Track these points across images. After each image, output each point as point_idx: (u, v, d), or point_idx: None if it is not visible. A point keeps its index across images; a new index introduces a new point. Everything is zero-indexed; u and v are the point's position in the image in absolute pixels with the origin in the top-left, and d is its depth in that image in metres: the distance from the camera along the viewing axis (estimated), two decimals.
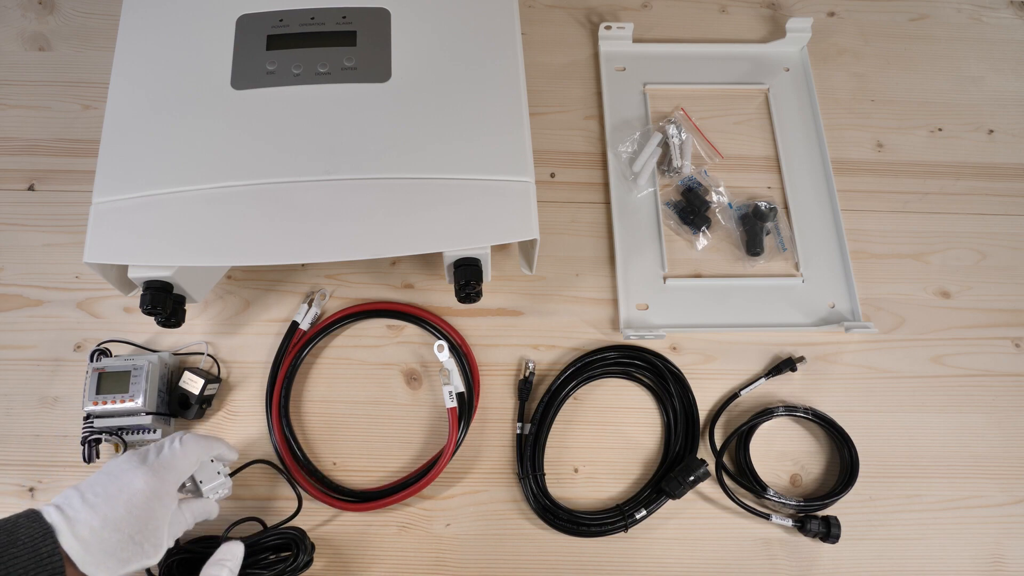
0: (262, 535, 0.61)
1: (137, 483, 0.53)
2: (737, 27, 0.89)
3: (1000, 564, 0.66)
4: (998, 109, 0.86)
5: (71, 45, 0.85)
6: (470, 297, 0.67)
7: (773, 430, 0.70)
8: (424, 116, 0.65)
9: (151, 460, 0.55)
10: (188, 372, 0.68)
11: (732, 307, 0.74)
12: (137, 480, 0.53)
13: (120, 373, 0.65)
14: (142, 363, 0.66)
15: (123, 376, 0.65)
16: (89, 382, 0.65)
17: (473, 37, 0.69)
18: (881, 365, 0.73)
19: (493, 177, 0.63)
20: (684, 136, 0.80)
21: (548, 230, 0.77)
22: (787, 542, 0.66)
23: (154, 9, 0.69)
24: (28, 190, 0.78)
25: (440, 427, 0.70)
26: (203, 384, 0.67)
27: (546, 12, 0.90)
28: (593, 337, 0.73)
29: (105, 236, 0.60)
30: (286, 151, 0.63)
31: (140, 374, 0.65)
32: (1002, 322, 0.75)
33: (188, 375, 0.67)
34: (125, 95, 0.66)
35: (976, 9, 0.92)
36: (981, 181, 0.82)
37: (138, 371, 0.65)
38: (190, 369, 0.68)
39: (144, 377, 0.65)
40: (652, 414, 0.71)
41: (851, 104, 0.85)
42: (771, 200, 0.78)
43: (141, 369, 0.65)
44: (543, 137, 0.81)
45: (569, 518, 0.65)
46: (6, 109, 0.81)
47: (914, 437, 0.70)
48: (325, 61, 0.66)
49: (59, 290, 0.74)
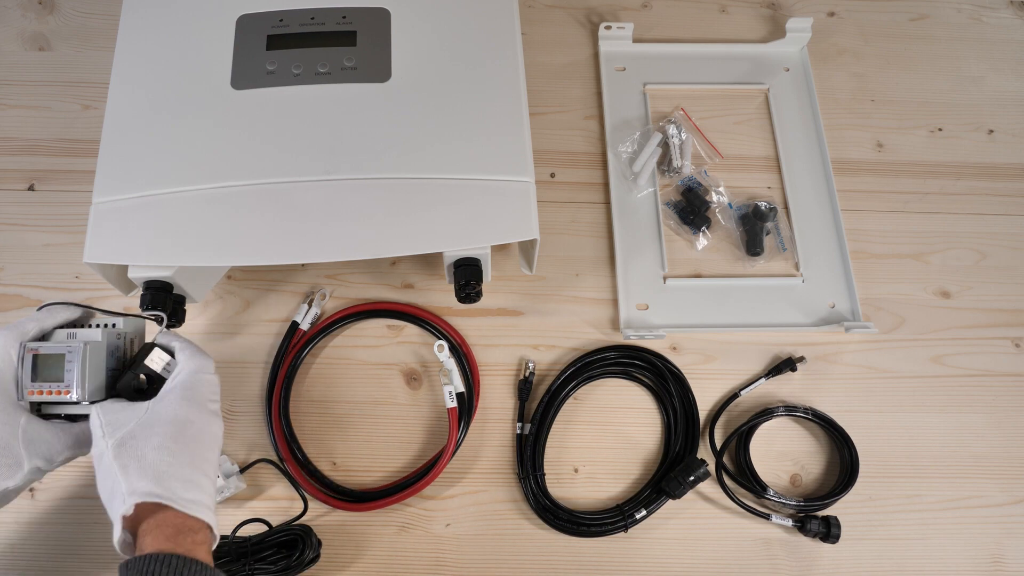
0: (268, 534, 0.61)
1: None
2: (737, 27, 0.89)
3: (1000, 564, 0.66)
4: (998, 109, 0.86)
5: (71, 45, 0.85)
6: (470, 297, 0.67)
7: (773, 430, 0.70)
8: (424, 116, 0.65)
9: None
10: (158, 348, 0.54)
11: (732, 307, 0.74)
12: None
13: (54, 356, 0.52)
14: (76, 345, 0.52)
15: (58, 360, 0.52)
16: (23, 366, 0.52)
17: (473, 37, 0.69)
18: (881, 365, 0.73)
19: (493, 177, 0.63)
20: (684, 136, 0.80)
21: (548, 230, 0.77)
22: (787, 542, 0.66)
23: (154, 9, 0.69)
24: (28, 190, 0.78)
25: (440, 427, 0.70)
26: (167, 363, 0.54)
27: (546, 12, 0.90)
28: (593, 337, 0.73)
29: (105, 236, 0.60)
30: (286, 151, 0.63)
31: (75, 356, 0.51)
32: (1002, 322, 0.75)
33: (157, 352, 0.54)
34: (125, 95, 0.66)
35: (976, 9, 0.92)
36: (981, 181, 0.82)
37: (73, 353, 0.51)
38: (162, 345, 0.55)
39: (80, 360, 0.51)
40: (652, 414, 0.71)
41: (851, 104, 0.85)
42: (771, 200, 0.78)
43: (76, 351, 0.51)
44: (543, 137, 0.81)
45: (569, 518, 0.65)
46: (6, 109, 0.81)
47: (914, 437, 0.70)
48: (325, 61, 0.66)
49: (59, 290, 0.74)
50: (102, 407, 0.50)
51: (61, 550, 0.64)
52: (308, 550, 0.60)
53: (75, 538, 0.64)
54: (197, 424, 0.50)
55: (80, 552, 0.64)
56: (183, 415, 0.49)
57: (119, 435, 0.47)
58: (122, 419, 0.49)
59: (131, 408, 0.50)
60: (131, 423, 0.48)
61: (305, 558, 0.60)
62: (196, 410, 0.50)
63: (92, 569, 0.64)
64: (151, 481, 0.45)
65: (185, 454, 0.48)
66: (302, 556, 0.60)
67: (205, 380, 0.53)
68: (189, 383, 0.52)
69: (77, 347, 0.52)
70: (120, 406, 0.50)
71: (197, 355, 0.54)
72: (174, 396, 0.50)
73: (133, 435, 0.48)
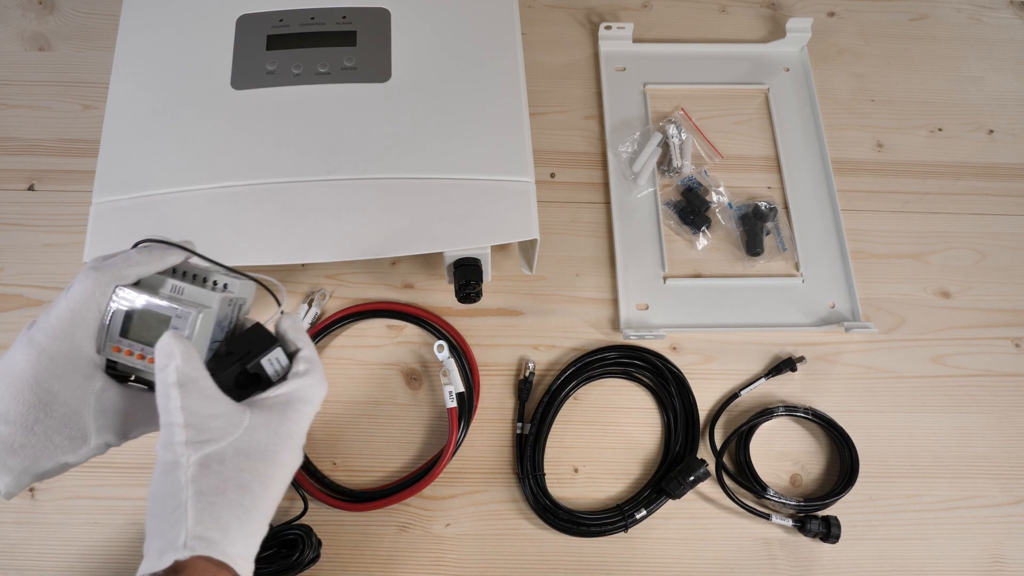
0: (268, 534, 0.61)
1: (19, 361, 0.40)
2: (737, 27, 0.89)
3: (1000, 564, 0.66)
4: (998, 109, 0.86)
5: (71, 45, 0.85)
6: (470, 297, 0.67)
7: (773, 430, 0.70)
8: (424, 116, 0.65)
9: (36, 328, 0.41)
10: (280, 350, 0.44)
11: (732, 307, 0.74)
12: (18, 357, 0.40)
13: (158, 316, 0.43)
14: (187, 311, 0.42)
15: (160, 322, 0.43)
16: (114, 318, 0.43)
17: (473, 37, 0.69)
18: (881, 365, 0.73)
19: (493, 177, 0.63)
20: (684, 136, 0.81)
21: (548, 230, 0.77)
22: (787, 542, 0.66)
23: (154, 9, 0.69)
24: (28, 190, 0.78)
25: (440, 427, 0.70)
26: (284, 367, 0.44)
27: (546, 12, 0.90)
28: (593, 337, 0.73)
29: (105, 236, 0.60)
30: (286, 151, 0.63)
31: (183, 324, 0.42)
32: (1002, 322, 0.75)
33: (278, 355, 0.44)
34: (125, 95, 0.66)
35: (976, 9, 0.92)
36: (981, 181, 0.82)
37: (181, 320, 0.43)
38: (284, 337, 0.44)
39: (189, 329, 0.42)
40: (652, 414, 0.71)
41: (851, 104, 0.85)
42: (771, 200, 0.78)
43: (185, 318, 0.42)
44: (543, 137, 0.81)
45: (569, 518, 0.65)
46: (6, 109, 0.81)
47: (914, 437, 0.70)
48: (325, 61, 0.66)
49: (59, 290, 0.73)
50: (191, 395, 0.39)
51: (61, 550, 0.64)
52: (308, 550, 0.60)
53: (75, 538, 0.64)
54: (287, 466, 0.42)
55: (80, 552, 0.64)
56: (279, 453, 0.41)
57: (206, 451, 0.39)
58: (213, 426, 0.39)
59: (225, 415, 0.40)
60: (222, 440, 0.39)
61: (305, 558, 0.60)
62: (292, 448, 0.42)
63: (92, 569, 0.64)
64: (220, 532, 0.37)
65: (263, 503, 0.40)
66: (302, 556, 0.60)
67: (312, 413, 0.44)
68: (298, 412, 0.43)
69: (187, 313, 0.42)
70: (211, 404, 0.40)
71: (319, 376, 0.45)
72: (276, 422, 0.42)
73: (222, 459, 0.39)
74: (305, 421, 0.43)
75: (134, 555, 0.63)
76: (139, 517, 0.64)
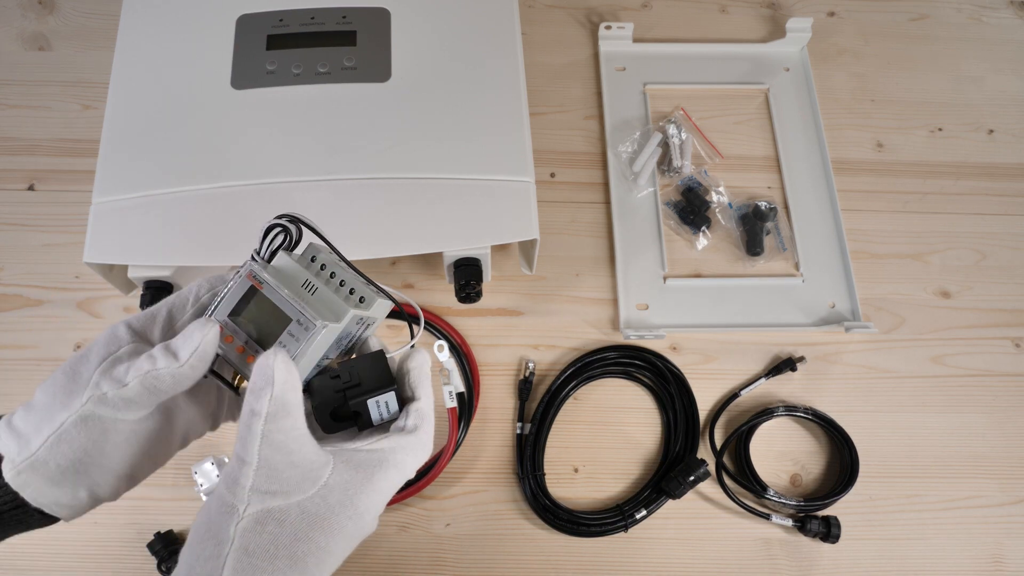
0: None
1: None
2: (737, 27, 0.89)
3: (1000, 564, 0.66)
4: (998, 109, 0.86)
5: (71, 45, 0.85)
6: (470, 297, 0.67)
7: (773, 430, 0.70)
8: (424, 116, 0.65)
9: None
10: (394, 393, 0.39)
11: (732, 307, 0.74)
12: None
13: (277, 308, 0.37)
14: (310, 321, 0.36)
15: (278, 318, 0.37)
16: (234, 291, 0.38)
17: (473, 37, 0.69)
18: (881, 365, 0.73)
19: (493, 177, 0.63)
20: (684, 136, 0.81)
21: (548, 230, 0.77)
22: (787, 542, 0.66)
23: (154, 9, 0.69)
24: (28, 190, 0.78)
25: (440, 427, 0.69)
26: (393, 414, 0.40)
27: (546, 12, 0.90)
28: (593, 337, 0.73)
29: (105, 236, 0.60)
30: (286, 151, 0.63)
31: (302, 333, 0.36)
32: (1002, 322, 0.75)
33: (391, 398, 0.39)
34: (125, 95, 0.66)
35: (976, 9, 0.92)
36: (981, 181, 0.82)
37: (302, 327, 0.36)
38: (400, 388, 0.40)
39: (305, 343, 0.36)
40: (652, 414, 0.71)
41: (851, 104, 0.85)
42: (771, 200, 0.78)
43: (307, 328, 0.36)
44: (543, 137, 0.81)
45: (569, 518, 0.65)
46: (6, 109, 0.81)
47: (914, 437, 0.70)
48: (325, 61, 0.66)
49: (59, 290, 0.73)
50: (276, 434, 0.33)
51: (61, 550, 0.64)
52: None
53: (75, 538, 0.64)
54: (353, 540, 0.36)
55: (80, 552, 0.64)
56: (347, 526, 0.35)
57: (268, 504, 0.33)
58: (286, 476, 0.33)
59: (304, 466, 0.34)
60: (291, 496, 0.34)
61: None
62: (365, 522, 0.36)
63: (92, 569, 0.64)
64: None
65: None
66: None
67: (401, 483, 0.38)
68: (386, 480, 0.37)
69: (310, 324, 0.36)
70: (294, 449, 0.34)
71: (426, 440, 0.39)
72: (357, 487, 0.36)
73: (282, 520, 0.33)
74: (391, 491, 0.37)
75: (134, 555, 0.63)
76: (139, 517, 0.64)
